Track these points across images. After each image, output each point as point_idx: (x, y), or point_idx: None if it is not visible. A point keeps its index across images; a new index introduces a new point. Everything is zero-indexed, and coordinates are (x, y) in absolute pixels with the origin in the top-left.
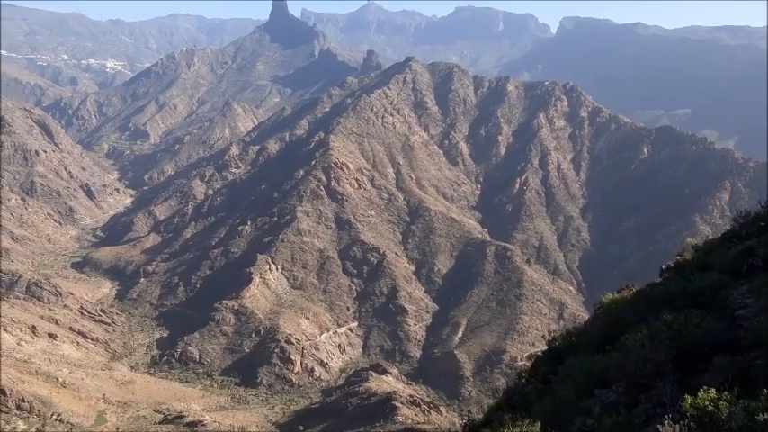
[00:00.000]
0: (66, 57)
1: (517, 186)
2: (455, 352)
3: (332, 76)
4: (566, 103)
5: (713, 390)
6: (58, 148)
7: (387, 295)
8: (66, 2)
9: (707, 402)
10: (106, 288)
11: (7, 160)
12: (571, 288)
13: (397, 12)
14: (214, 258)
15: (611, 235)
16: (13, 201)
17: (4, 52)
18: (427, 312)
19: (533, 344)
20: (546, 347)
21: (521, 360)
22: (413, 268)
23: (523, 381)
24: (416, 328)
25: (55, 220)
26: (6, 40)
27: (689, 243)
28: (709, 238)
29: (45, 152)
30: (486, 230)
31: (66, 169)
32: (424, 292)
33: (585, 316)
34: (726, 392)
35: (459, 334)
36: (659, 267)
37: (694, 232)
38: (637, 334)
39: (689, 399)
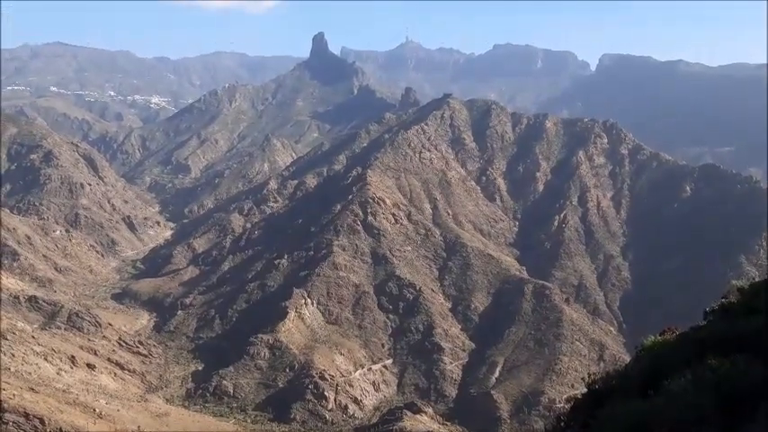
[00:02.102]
0: (112, 93)
1: (556, 224)
2: (492, 392)
3: (370, 113)
4: (606, 141)
5: None
6: (103, 181)
7: (422, 332)
8: (115, 40)
9: None
10: (144, 320)
11: (54, 193)
12: (611, 329)
13: (435, 49)
14: (251, 292)
15: (653, 275)
16: (58, 232)
17: (53, 88)
18: (464, 351)
19: (572, 386)
20: (585, 390)
21: (559, 402)
22: (449, 305)
23: (562, 424)
24: (452, 366)
25: (97, 252)
26: (56, 76)
27: (734, 285)
28: (756, 280)
29: (90, 185)
30: (523, 268)
31: (109, 202)
32: (461, 329)
33: (626, 358)
34: None
35: (496, 374)
36: (703, 310)
37: (740, 273)
38: (680, 379)
39: None
